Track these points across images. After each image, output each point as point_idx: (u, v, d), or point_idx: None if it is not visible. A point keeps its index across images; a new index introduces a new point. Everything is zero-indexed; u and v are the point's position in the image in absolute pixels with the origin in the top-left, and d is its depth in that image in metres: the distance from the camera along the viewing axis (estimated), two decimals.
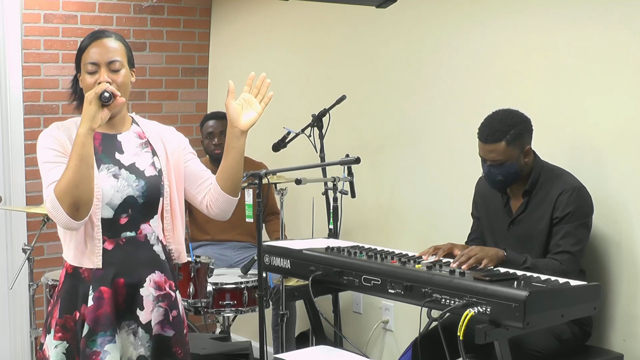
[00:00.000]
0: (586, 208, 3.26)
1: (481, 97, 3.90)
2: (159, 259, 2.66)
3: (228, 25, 5.56)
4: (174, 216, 2.71)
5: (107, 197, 2.56)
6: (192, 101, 5.62)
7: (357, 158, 3.93)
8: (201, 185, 2.73)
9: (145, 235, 2.63)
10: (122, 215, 2.59)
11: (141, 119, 2.79)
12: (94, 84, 2.56)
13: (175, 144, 2.74)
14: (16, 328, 4.99)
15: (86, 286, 2.56)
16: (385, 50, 4.43)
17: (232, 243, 4.81)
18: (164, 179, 2.66)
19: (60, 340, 2.56)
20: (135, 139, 2.69)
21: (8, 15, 4.87)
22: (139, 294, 2.59)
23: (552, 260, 3.18)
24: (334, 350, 3.16)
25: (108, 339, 2.52)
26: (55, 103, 5.07)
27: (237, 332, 5.22)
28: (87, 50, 2.60)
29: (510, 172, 3.29)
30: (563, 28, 3.58)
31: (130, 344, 2.59)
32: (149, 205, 2.63)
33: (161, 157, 2.68)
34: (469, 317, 2.58)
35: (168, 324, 2.64)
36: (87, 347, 2.51)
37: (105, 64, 2.58)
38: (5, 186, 4.95)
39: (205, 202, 2.72)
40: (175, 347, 2.65)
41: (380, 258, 3.10)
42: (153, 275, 2.62)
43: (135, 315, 2.59)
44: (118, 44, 2.63)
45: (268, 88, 2.70)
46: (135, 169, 2.62)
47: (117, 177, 2.58)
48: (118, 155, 2.62)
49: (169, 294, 2.66)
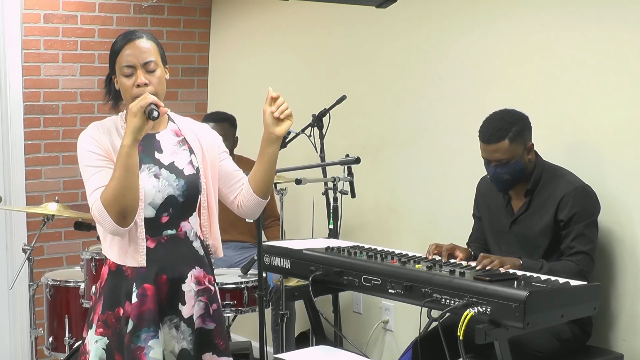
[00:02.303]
0: (591, 207, 3.26)
1: (481, 97, 3.90)
2: (198, 254, 2.71)
3: (228, 25, 5.56)
4: (210, 213, 2.76)
5: (149, 197, 2.60)
6: (192, 101, 5.62)
7: (357, 158, 3.93)
8: (234, 185, 2.78)
9: (185, 233, 2.68)
10: (163, 214, 2.64)
11: (176, 115, 2.82)
12: (132, 86, 2.59)
13: (210, 142, 2.78)
14: (16, 328, 4.99)
15: (129, 283, 2.60)
16: (385, 50, 4.43)
17: (232, 243, 4.81)
18: (201, 177, 2.71)
19: (102, 335, 2.61)
20: (173, 137, 2.73)
21: (8, 15, 4.88)
22: (181, 290, 2.65)
23: (568, 262, 3.18)
24: (334, 350, 3.15)
25: (152, 334, 2.57)
26: (55, 103, 5.08)
27: (237, 332, 5.22)
28: (121, 52, 2.62)
29: (516, 170, 3.28)
30: (563, 28, 3.58)
31: (172, 338, 2.64)
32: (189, 203, 2.68)
33: (198, 155, 2.73)
34: (469, 317, 2.58)
35: (209, 317, 2.70)
36: (131, 343, 2.56)
37: (140, 66, 2.60)
38: (5, 186, 4.96)
39: (237, 202, 2.78)
40: (217, 339, 2.70)
41: (380, 258, 3.10)
42: (193, 271, 2.68)
43: (177, 310, 2.64)
44: (151, 44, 2.65)
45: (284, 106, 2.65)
46: (174, 168, 2.66)
47: (158, 177, 2.63)
48: (157, 155, 2.66)
49: (209, 288, 2.72)
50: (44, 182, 5.06)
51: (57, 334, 4.11)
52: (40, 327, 4.27)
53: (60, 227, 5.05)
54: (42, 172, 5.06)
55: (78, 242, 5.09)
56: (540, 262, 3.15)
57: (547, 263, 3.16)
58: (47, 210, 4.13)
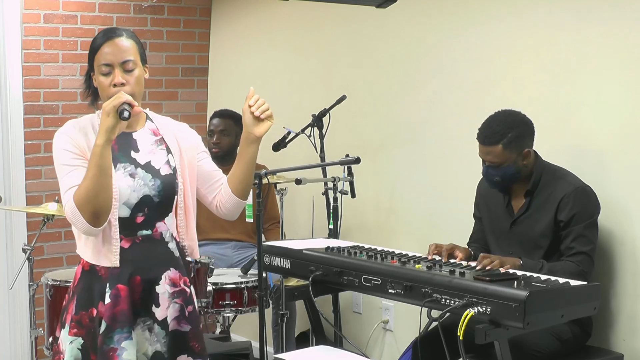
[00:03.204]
0: (591, 207, 3.26)
1: (481, 97, 3.90)
2: (173, 256, 2.69)
3: (228, 25, 5.56)
4: (187, 213, 2.73)
5: (124, 197, 2.58)
6: (192, 101, 5.62)
7: (357, 158, 3.93)
8: (213, 185, 2.76)
9: (160, 233, 2.66)
10: (138, 214, 2.62)
11: (155, 115, 2.80)
12: (109, 85, 2.57)
13: (189, 141, 2.76)
14: (16, 328, 4.99)
15: (103, 284, 2.58)
16: (385, 50, 4.43)
17: (232, 243, 4.81)
18: (178, 177, 2.69)
19: (76, 336, 2.59)
20: (150, 136, 2.71)
21: (8, 15, 4.88)
22: (155, 291, 2.63)
23: (568, 262, 3.18)
24: (334, 350, 3.16)
25: (125, 335, 2.55)
26: (55, 103, 5.07)
27: (237, 332, 5.22)
28: (100, 50, 2.60)
29: (507, 174, 3.29)
30: (563, 28, 3.57)
31: (145, 340, 2.62)
32: (165, 203, 2.66)
33: (175, 155, 2.71)
34: (469, 317, 2.58)
35: (184, 319, 2.68)
36: (104, 344, 2.54)
37: (118, 65, 2.58)
38: (5, 186, 4.96)
39: (215, 202, 2.76)
40: (192, 342, 2.69)
41: (380, 258, 3.10)
42: (168, 272, 2.66)
43: (151, 312, 2.62)
44: (130, 43, 2.63)
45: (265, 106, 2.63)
46: (151, 167, 2.64)
47: (133, 177, 2.60)
48: (134, 154, 2.64)
49: (184, 290, 2.69)
50: (44, 182, 5.06)
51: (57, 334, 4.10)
52: (40, 327, 4.26)
53: (60, 227, 5.04)
54: (42, 172, 5.06)
55: None
56: (540, 263, 3.15)
57: (547, 263, 3.16)
58: (47, 210, 4.13)
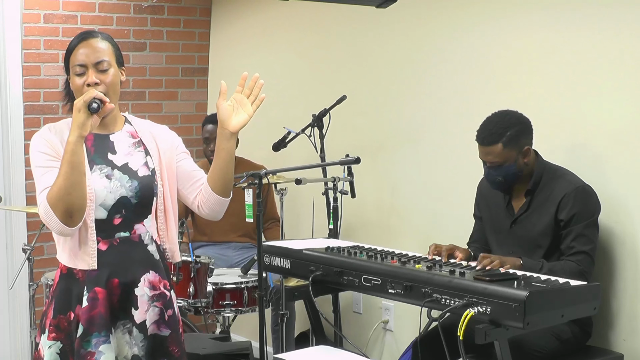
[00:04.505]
0: (592, 207, 3.26)
1: (481, 97, 3.90)
2: (153, 258, 2.65)
3: (228, 25, 5.56)
4: (167, 216, 2.70)
5: (100, 198, 2.55)
6: (192, 101, 5.62)
7: (357, 158, 3.92)
8: (193, 185, 2.72)
9: (139, 235, 2.63)
10: (115, 215, 2.58)
11: (134, 118, 2.77)
12: (82, 85, 2.55)
13: (168, 143, 2.73)
14: (16, 328, 4.99)
15: (80, 287, 2.55)
16: (385, 50, 4.43)
17: (232, 244, 4.81)
18: (157, 179, 2.65)
19: (54, 340, 2.56)
20: (128, 138, 2.68)
21: (8, 15, 4.87)
22: (134, 294, 2.59)
23: (569, 262, 3.18)
24: (334, 350, 3.16)
25: (102, 339, 2.52)
26: (55, 103, 5.07)
27: (237, 332, 5.22)
28: (74, 51, 2.59)
29: (509, 173, 3.29)
30: (562, 29, 3.57)
31: (125, 343, 2.59)
32: (143, 205, 2.63)
33: (154, 157, 2.67)
34: (469, 317, 2.58)
35: (164, 323, 2.64)
36: (81, 348, 2.51)
37: (92, 65, 2.56)
38: (5, 186, 4.96)
39: (196, 202, 2.71)
40: (171, 346, 2.65)
41: (381, 258, 3.10)
42: (147, 275, 2.62)
43: (130, 315, 2.59)
44: (105, 44, 2.61)
45: (261, 89, 2.67)
46: (128, 169, 2.61)
47: (110, 178, 2.58)
48: (111, 156, 2.62)
49: (164, 294, 2.65)
50: None
51: None
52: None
53: None
54: None
55: None
56: (540, 262, 3.15)
57: (547, 263, 3.16)
58: None
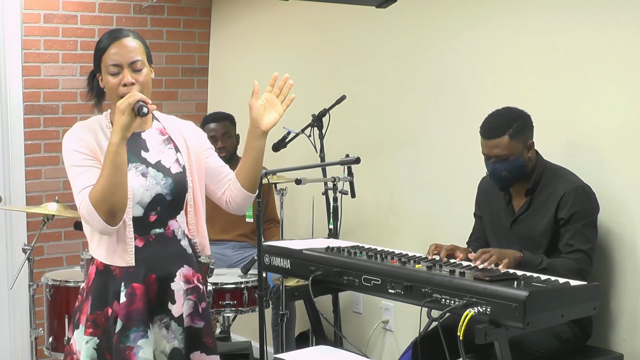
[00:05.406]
0: (591, 207, 3.26)
1: (481, 97, 3.90)
2: (186, 253, 2.71)
3: (228, 25, 5.56)
4: (197, 210, 2.75)
5: (137, 196, 2.60)
6: (192, 101, 5.62)
7: (357, 158, 3.93)
8: (221, 181, 2.78)
9: (172, 231, 2.68)
10: (151, 213, 2.64)
11: (160, 114, 2.81)
12: (118, 85, 2.59)
13: (195, 139, 2.78)
14: (16, 328, 4.99)
15: (117, 283, 2.60)
16: (385, 50, 4.43)
17: (231, 243, 4.81)
18: (187, 175, 2.71)
19: (91, 336, 2.60)
20: (158, 135, 2.72)
21: (8, 15, 4.88)
22: (170, 288, 2.64)
23: (567, 259, 3.18)
24: (334, 350, 3.15)
25: (141, 334, 2.56)
26: (55, 103, 5.07)
27: (237, 332, 5.22)
28: (107, 51, 2.62)
29: (515, 167, 3.29)
30: (562, 28, 3.58)
31: (163, 338, 2.63)
32: (176, 201, 2.68)
33: (183, 153, 2.72)
34: (469, 317, 2.58)
35: (198, 315, 2.70)
36: (120, 343, 2.55)
37: (127, 65, 2.60)
38: (5, 186, 4.96)
39: (224, 198, 2.78)
40: (205, 338, 2.71)
41: (380, 258, 3.10)
42: (182, 270, 2.68)
43: (167, 309, 2.64)
44: (137, 43, 2.66)
45: (290, 89, 2.74)
46: (161, 166, 2.66)
47: (145, 176, 2.62)
48: (144, 154, 2.66)
49: (198, 287, 2.72)
50: (44, 182, 5.06)
51: (57, 334, 4.10)
52: (40, 327, 4.27)
53: (60, 227, 5.05)
54: (42, 172, 5.06)
55: (78, 242, 5.09)
56: (540, 257, 3.15)
57: (547, 259, 3.16)
58: (47, 210, 4.13)
